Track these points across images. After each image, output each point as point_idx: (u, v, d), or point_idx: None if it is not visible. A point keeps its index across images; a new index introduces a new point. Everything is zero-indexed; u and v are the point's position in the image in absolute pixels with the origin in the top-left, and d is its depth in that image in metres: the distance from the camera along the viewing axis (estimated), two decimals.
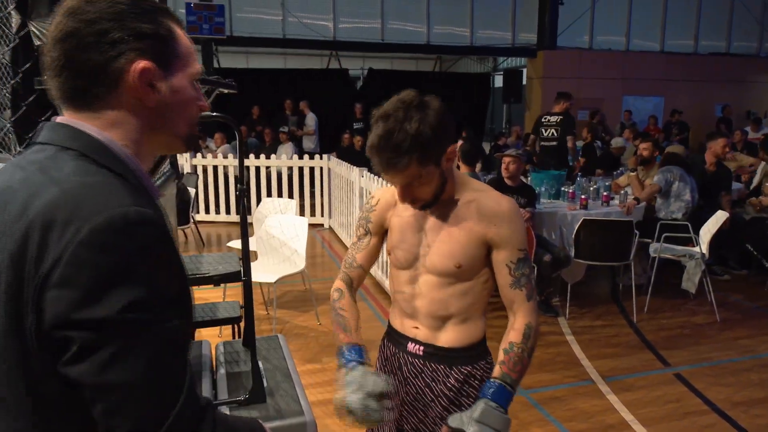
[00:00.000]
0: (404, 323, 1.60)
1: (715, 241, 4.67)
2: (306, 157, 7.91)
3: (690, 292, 4.74)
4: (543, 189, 5.28)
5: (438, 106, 1.37)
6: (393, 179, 1.41)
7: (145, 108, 0.87)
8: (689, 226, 4.73)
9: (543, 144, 6.77)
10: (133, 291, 0.73)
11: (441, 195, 1.46)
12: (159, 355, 0.76)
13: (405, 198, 1.44)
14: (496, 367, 1.44)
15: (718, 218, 4.65)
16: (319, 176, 7.59)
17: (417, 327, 1.57)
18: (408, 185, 1.41)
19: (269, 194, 7.54)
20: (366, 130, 1.42)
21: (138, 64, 0.84)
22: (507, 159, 4.50)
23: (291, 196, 7.40)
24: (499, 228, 1.44)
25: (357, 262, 1.66)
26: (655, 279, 4.76)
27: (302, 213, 7.23)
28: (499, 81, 14.58)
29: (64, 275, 0.72)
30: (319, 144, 10.25)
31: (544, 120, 6.78)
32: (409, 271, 1.55)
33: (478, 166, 5.15)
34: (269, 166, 7.77)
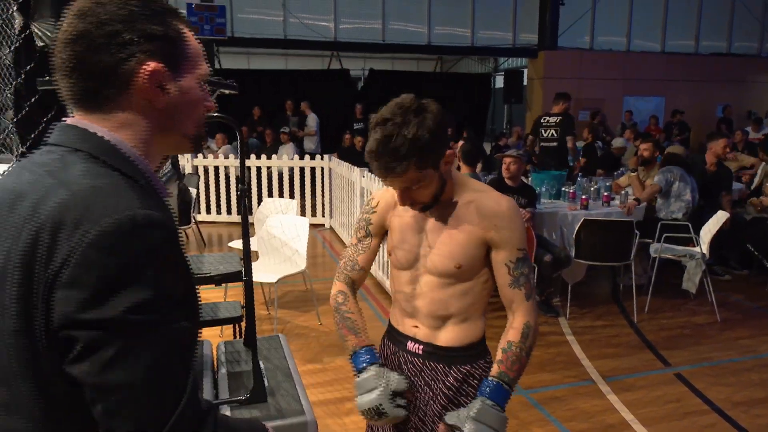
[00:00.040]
0: (404, 322, 1.61)
1: (715, 241, 4.67)
2: (307, 157, 7.93)
3: (690, 292, 4.74)
4: (543, 189, 5.29)
5: (435, 110, 1.37)
6: (392, 184, 1.42)
7: (155, 109, 0.88)
8: (690, 226, 4.74)
9: (543, 145, 6.78)
10: (140, 293, 0.74)
11: (440, 197, 1.47)
12: (161, 357, 0.76)
13: (404, 201, 1.45)
14: (494, 365, 1.45)
15: (719, 218, 4.65)
16: (320, 176, 7.60)
17: (417, 326, 1.58)
18: (407, 189, 1.41)
19: (270, 194, 7.55)
20: (366, 131, 1.43)
21: (148, 66, 0.85)
22: (508, 159, 4.51)
23: (292, 196, 7.41)
24: (499, 228, 1.45)
25: (359, 264, 1.66)
26: (656, 279, 4.76)
27: (303, 213, 7.24)
28: (500, 81, 14.58)
29: (73, 276, 0.73)
30: (320, 144, 10.26)
31: (543, 121, 6.79)
32: (410, 271, 1.56)
33: (479, 166, 5.15)
34: (270, 167, 7.79)
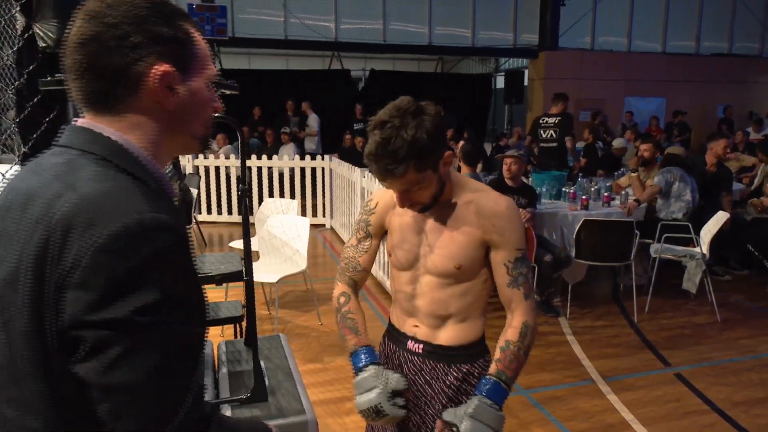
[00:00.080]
0: (404, 321, 1.62)
1: (715, 241, 4.67)
2: (308, 157, 7.94)
3: (691, 292, 4.74)
4: (544, 189, 5.30)
5: (434, 112, 1.38)
6: (391, 186, 1.42)
7: (165, 111, 0.89)
8: (690, 226, 4.74)
9: (542, 145, 6.79)
10: (147, 295, 0.75)
11: (439, 198, 1.48)
12: (167, 359, 0.77)
13: (404, 203, 1.46)
14: (492, 364, 1.46)
15: (719, 218, 4.66)
16: (321, 177, 7.61)
17: (417, 326, 1.58)
18: (406, 191, 1.42)
19: (271, 195, 7.56)
20: (366, 132, 1.44)
21: (159, 68, 0.85)
22: (509, 160, 4.51)
23: (293, 196, 7.43)
24: (497, 228, 1.45)
25: (361, 265, 1.67)
26: (656, 279, 4.77)
27: (304, 213, 7.25)
28: (500, 82, 14.58)
29: (82, 278, 0.74)
30: (321, 145, 10.27)
31: (542, 122, 6.80)
32: (410, 272, 1.57)
33: (479, 166, 5.16)
34: (271, 167, 7.80)
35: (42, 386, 0.80)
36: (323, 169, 7.60)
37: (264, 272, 4.19)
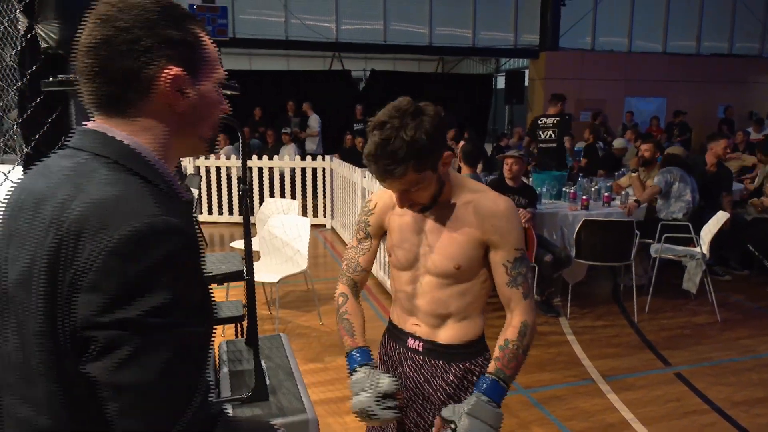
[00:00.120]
0: (405, 320, 1.63)
1: (716, 241, 4.68)
2: (308, 158, 7.95)
3: (691, 292, 4.75)
4: (544, 189, 5.30)
5: (433, 112, 1.38)
6: (390, 186, 1.43)
7: (175, 113, 0.90)
8: (690, 226, 4.75)
9: (541, 146, 6.80)
10: (158, 297, 0.76)
11: (439, 198, 1.48)
12: (175, 360, 0.78)
13: (403, 203, 1.46)
14: (491, 362, 1.46)
15: (719, 218, 4.66)
16: (322, 177, 7.62)
17: (417, 324, 1.60)
18: (406, 191, 1.43)
19: (272, 195, 7.57)
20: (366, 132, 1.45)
21: (170, 71, 0.86)
22: (510, 160, 4.51)
23: (293, 196, 7.44)
24: (496, 228, 1.46)
25: (361, 266, 1.69)
26: (656, 279, 4.77)
27: (305, 214, 7.27)
28: (501, 82, 14.58)
29: (94, 281, 0.75)
30: (322, 145, 10.28)
31: (540, 122, 6.81)
32: (410, 271, 1.58)
33: (480, 167, 5.16)
34: (272, 167, 7.81)
35: (54, 386, 0.82)
36: (324, 169, 7.61)
37: (265, 272, 4.20)
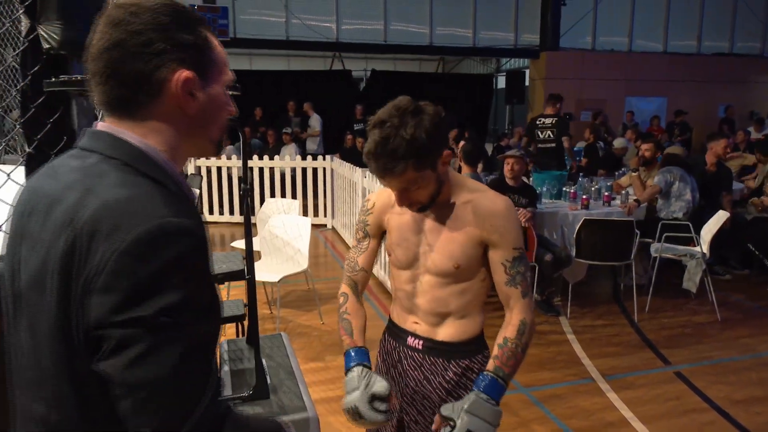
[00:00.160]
0: (404, 318, 1.64)
1: (716, 240, 4.68)
2: (309, 158, 7.96)
3: (691, 291, 4.76)
4: (544, 189, 5.31)
5: (432, 112, 1.40)
6: (390, 184, 1.44)
7: (185, 116, 0.91)
8: (690, 225, 4.75)
9: (540, 146, 6.81)
10: (169, 297, 0.77)
11: (438, 197, 1.49)
12: (185, 358, 0.79)
13: (402, 202, 1.47)
14: (490, 361, 1.47)
15: (719, 218, 4.67)
16: (322, 177, 7.63)
17: (417, 322, 1.61)
18: (405, 189, 1.44)
19: (273, 195, 7.58)
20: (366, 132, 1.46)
21: (181, 74, 0.88)
22: (511, 159, 4.51)
23: (294, 196, 7.45)
24: (495, 227, 1.47)
25: (359, 265, 1.70)
26: (656, 279, 4.78)
27: (305, 213, 7.28)
28: (501, 82, 14.61)
29: (107, 282, 0.77)
30: (323, 145, 10.29)
31: (538, 122, 6.83)
32: (410, 270, 1.59)
33: (480, 166, 5.17)
34: (273, 167, 7.82)
35: (66, 386, 0.83)
36: (324, 169, 7.62)
37: (266, 272, 4.21)
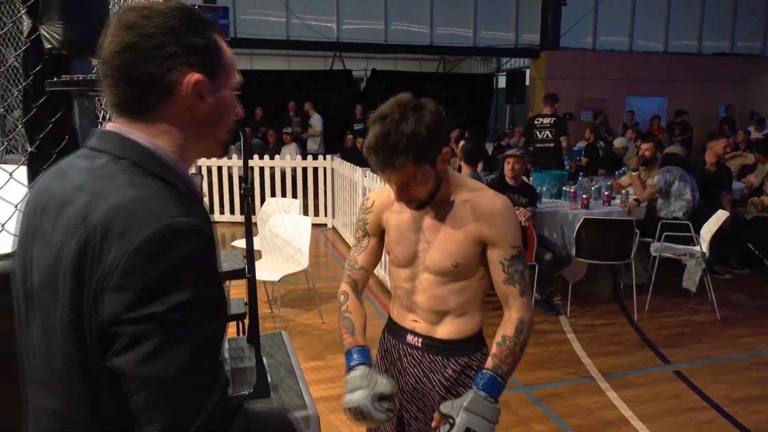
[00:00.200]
0: (404, 316, 1.66)
1: (716, 240, 4.69)
2: (309, 157, 7.97)
3: (691, 291, 4.76)
4: (544, 188, 5.32)
5: (433, 108, 1.41)
6: (389, 178, 1.45)
7: (195, 118, 0.93)
8: (690, 225, 4.76)
9: (538, 146, 6.83)
10: (179, 295, 0.79)
11: (436, 195, 1.50)
12: (196, 355, 0.81)
13: (401, 197, 1.48)
14: (488, 359, 1.49)
15: (719, 217, 4.68)
16: (323, 176, 7.64)
17: (416, 320, 1.62)
18: (404, 185, 1.44)
19: (273, 194, 7.59)
20: (366, 131, 1.47)
21: (192, 77, 0.90)
22: (512, 159, 4.52)
23: (295, 196, 7.46)
24: (493, 226, 1.48)
25: (358, 264, 1.71)
26: (656, 278, 4.79)
27: (306, 213, 7.28)
28: (502, 82, 14.61)
29: (120, 281, 0.79)
30: (324, 145, 10.30)
31: (537, 122, 6.84)
32: (409, 269, 1.60)
33: (480, 166, 5.18)
34: (273, 167, 7.83)
35: (78, 384, 0.85)
36: (325, 168, 7.63)
37: (266, 271, 4.22)
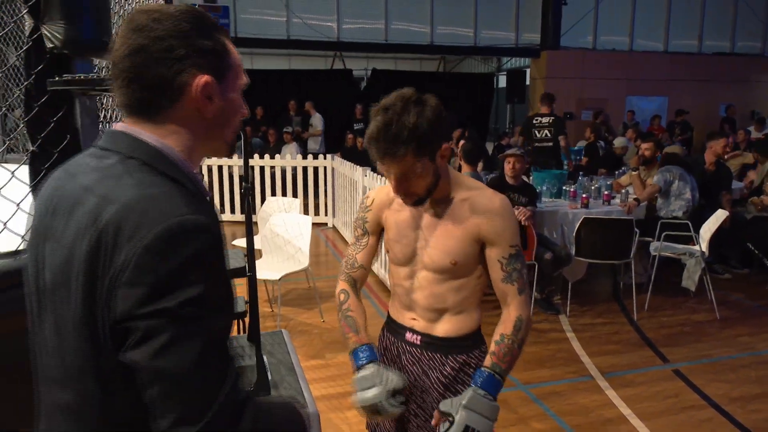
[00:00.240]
0: (403, 314, 1.67)
1: (716, 239, 4.70)
2: (310, 156, 7.98)
3: (690, 290, 4.77)
4: (544, 188, 5.33)
5: (435, 104, 1.43)
6: (389, 168, 1.45)
7: (203, 119, 0.95)
8: (690, 224, 4.77)
9: (537, 145, 6.84)
10: (189, 291, 0.81)
11: (434, 191, 1.51)
12: (206, 349, 0.83)
13: (399, 190, 1.48)
14: (487, 357, 1.50)
15: (718, 217, 4.68)
16: (323, 176, 7.65)
17: (415, 318, 1.63)
18: (403, 177, 1.45)
19: (273, 193, 7.60)
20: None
21: (201, 79, 0.92)
22: (512, 158, 4.52)
23: (295, 195, 7.47)
24: (491, 224, 1.49)
25: (358, 262, 1.71)
26: (656, 277, 4.80)
27: (306, 212, 7.29)
28: (502, 81, 14.61)
29: (132, 277, 0.81)
30: (324, 144, 10.30)
31: (535, 121, 6.86)
32: (408, 267, 1.61)
33: (480, 165, 5.19)
34: (274, 166, 7.84)
35: (92, 383, 0.87)
36: (325, 168, 7.65)
37: (267, 270, 4.23)
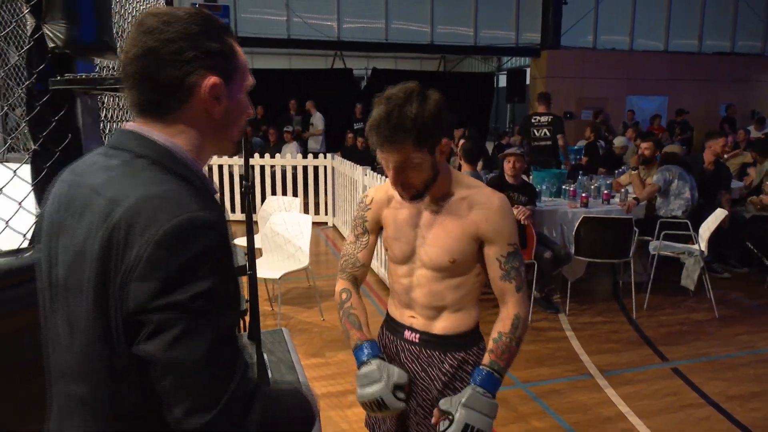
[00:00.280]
0: (401, 312, 1.68)
1: (715, 239, 4.71)
2: (310, 156, 7.99)
3: (689, 289, 4.78)
4: (544, 187, 5.34)
5: (438, 98, 1.45)
6: (389, 157, 1.45)
7: (211, 119, 0.98)
8: (689, 223, 4.78)
9: (536, 144, 6.85)
10: (199, 285, 0.84)
11: (432, 186, 1.51)
12: (217, 341, 0.86)
13: (397, 181, 1.48)
14: (485, 355, 1.51)
15: (717, 216, 4.69)
16: (323, 175, 7.66)
17: (414, 316, 1.64)
18: (401, 167, 1.45)
19: (274, 193, 7.61)
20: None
21: (209, 80, 0.94)
22: (512, 157, 4.53)
23: (295, 194, 7.48)
24: (490, 223, 1.51)
25: (360, 261, 1.72)
26: (655, 276, 4.81)
27: (306, 211, 7.30)
28: (502, 81, 14.63)
29: (144, 272, 0.83)
30: (325, 144, 10.31)
31: (534, 121, 6.87)
32: (406, 265, 1.62)
33: (480, 164, 5.20)
34: (274, 165, 7.85)
35: (105, 378, 0.90)
36: (326, 167, 7.66)
37: (267, 269, 4.24)
